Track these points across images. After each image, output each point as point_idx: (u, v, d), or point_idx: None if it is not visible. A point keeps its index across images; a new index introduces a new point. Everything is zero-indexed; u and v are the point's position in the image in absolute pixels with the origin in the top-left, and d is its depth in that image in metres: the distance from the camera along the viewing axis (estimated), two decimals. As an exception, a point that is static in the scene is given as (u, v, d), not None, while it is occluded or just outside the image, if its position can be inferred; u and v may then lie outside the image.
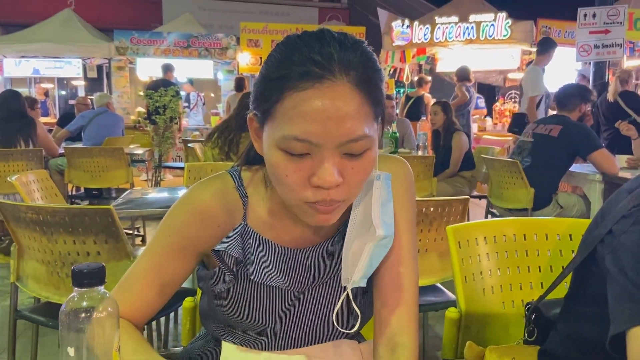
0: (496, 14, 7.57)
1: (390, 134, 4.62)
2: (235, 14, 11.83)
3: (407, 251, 0.86)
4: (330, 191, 0.71)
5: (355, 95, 0.69)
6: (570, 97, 3.32)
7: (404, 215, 0.87)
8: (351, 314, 0.86)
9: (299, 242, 0.86)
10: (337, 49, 0.69)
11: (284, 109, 0.69)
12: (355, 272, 0.80)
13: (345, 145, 0.69)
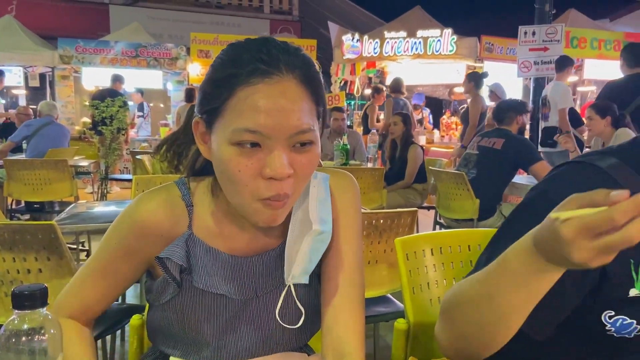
0: (442, 30, 7.83)
1: (341, 146, 4.68)
2: (185, 23, 11.69)
3: (352, 261, 0.88)
4: (283, 184, 0.73)
5: (302, 91, 0.74)
6: (505, 111, 3.50)
7: (349, 227, 0.89)
8: (295, 311, 0.87)
9: (246, 251, 0.87)
10: (281, 50, 0.75)
11: (235, 104, 0.72)
12: (295, 266, 0.83)
13: (294, 137, 0.73)
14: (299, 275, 0.84)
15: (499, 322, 0.73)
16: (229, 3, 12.62)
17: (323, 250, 0.84)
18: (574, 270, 0.74)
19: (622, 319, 0.82)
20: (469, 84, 5.63)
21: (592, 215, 0.54)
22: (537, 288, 0.68)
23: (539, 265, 0.65)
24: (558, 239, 0.57)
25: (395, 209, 1.92)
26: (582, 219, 0.54)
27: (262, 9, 13.01)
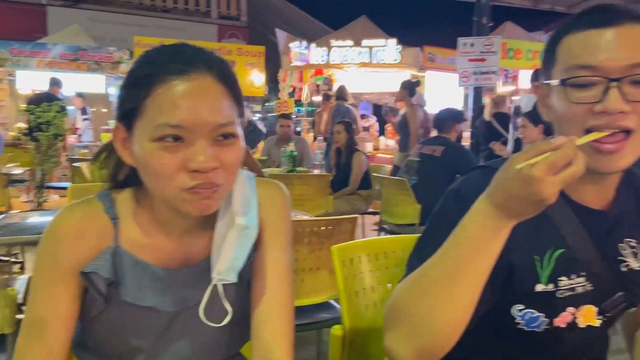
0: (387, 40, 8.02)
1: (288, 153, 4.70)
2: (129, 27, 11.38)
3: (281, 270, 0.89)
4: (209, 174, 0.75)
5: (220, 87, 0.77)
6: (444, 120, 3.65)
7: (278, 236, 0.91)
8: (221, 310, 0.86)
9: (175, 262, 0.86)
10: (196, 51, 0.78)
11: (155, 101, 0.74)
12: (220, 262, 0.83)
13: (217, 130, 0.75)
14: (225, 271, 0.83)
15: (467, 295, 0.76)
16: (174, 7, 12.40)
17: (249, 246, 0.85)
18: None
19: (530, 312, 0.87)
20: (402, 92, 5.82)
21: (552, 155, 0.65)
22: (495, 248, 0.73)
23: (497, 222, 0.72)
24: (529, 182, 0.65)
25: (335, 216, 1.95)
26: (547, 159, 0.65)
27: (209, 13, 12.85)
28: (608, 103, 0.78)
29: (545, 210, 0.81)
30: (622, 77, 0.78)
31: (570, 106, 0.82)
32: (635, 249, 0.93)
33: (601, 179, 0.88)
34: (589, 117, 0.80)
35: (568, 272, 0.88)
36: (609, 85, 0.78)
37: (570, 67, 0.82)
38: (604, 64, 0.79)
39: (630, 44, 0.79)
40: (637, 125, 0.79)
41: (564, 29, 0.85)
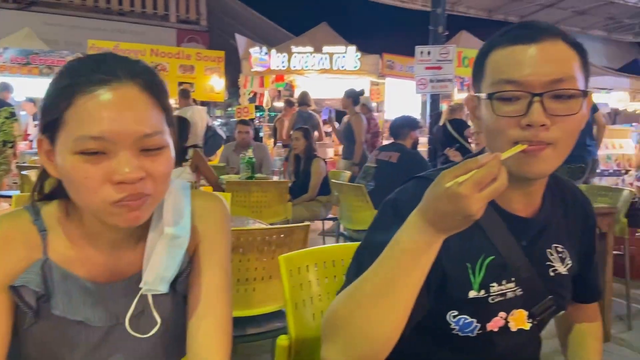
0: (347, 47, 8.09)
1: (246, 160, 4.66)
2: (83, 30, 11.09)
3: (218, 285, 0.88)
4: (136, 185, 0.73)
5: (144, 97, 0.75)
6: (400, 127, 3.71)
7: (215, 249, 0.90)
8: (151, 320, 0.85)
9: (106, 276, 0.84)
10: (120, 60, 0.77)
11: (75, 113, 0.72)
12: (148, 272, 0.81)
13: (141, 141, 0.74)
14: (153, 281, 0.82)
15: (400, 307, 0.77)
16: (131, 10, 12.16)
17: (180, 256, 0.83)
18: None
19: (463, 318, 0.90)
20: (346, 101, 5.94)
21: (478, 173, 0.67)
22: (427, 261, 0.75)
23: (429, 237, 0.73)
24: (456, 199, 0.68)
25: (290, 224, 1.95)
26: (473, 177, 0.68)
27: (167, 17, 12.66)
28: (531, 116, 0.81)
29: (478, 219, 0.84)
30: (544, 92, 0.81)
31: (497, 119, 0.85)
32: (562, 254, 0.97)
33: (528, 188, 0.92)
34: (515, 130, 0.83)
35: (499, 278, 0.91)
36: (532, 99, 0.81)
37: (497, 82, 0.85)
38: (528, 79, 0.82)
39: (551, 60, 0.83)
40: (558, 138, 0.83)
41: (491, 44, 0.88)
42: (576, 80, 0.84)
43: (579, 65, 0.85)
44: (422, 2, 10.66)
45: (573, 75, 0.83)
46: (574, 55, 0.85)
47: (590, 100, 0.88)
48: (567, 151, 0.87)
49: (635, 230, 4.49)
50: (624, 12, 12.04)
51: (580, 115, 0.84)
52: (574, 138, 0.86)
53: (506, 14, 12.07)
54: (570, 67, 0.84)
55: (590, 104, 0.89)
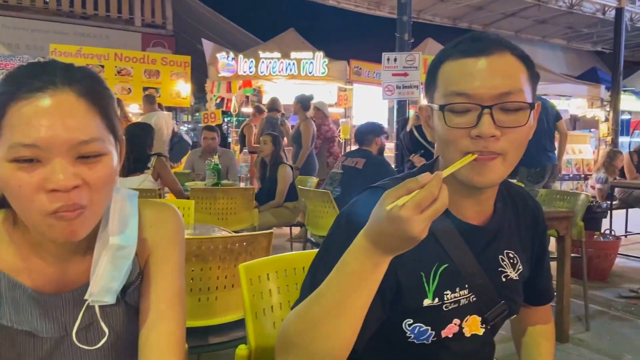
0: (314, 53, 8.12)
1: (212, 166, 4.62)
2: (45, 34, 10.81)
3: (171, 296, 0.88)
4: (70, 194, 0.71)
5: (82, 104, 0.74)
6: (365, 134, 3.74)
7: (167, 260, 0.89)
8: (99, 332, 0.84)
9: (54, 287, 0.83)
10: (59, 67, 0.76)
11: (8, 121, 0.71)
12: (93, 283, 0.80)
13: (76, 148, 0.72)
14: (98, 292, 0.81)
15: (349, 327, 0.78)
16: (95, 14, 11.91)
17: (126, 266, 0.82)
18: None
19: (419, 326, 0.92)
20: (296, 106, 6.00)
21: (418, 194, 0.67)
22: (374, 281, 0.76)
23: (375, 258, 0.73)
24: (398, 222, 0.68)
25: (250, 232, 1.94)
26: (413, 199, 0.67)
27: (132, 21, 12.45)
28: (481, 128, 0.83)
29: (431, 228, 0.86)
30: (493, 105, 0.84)
31: (449, 130, 0.87)
32: (513, 259, 1.00)
33: (479, 196, 0.94)
34: (466, 141, 0.85)
35: (453, 285, 0.92)
36: (482, 112, 0.84)
37: (449, 94, 0.87)
38: (477, 92, 0.84)
39: (500, 73, 0.85)
40: (507, 149, 0.85)
41: (443, 56, 0.90)
42: (524, 92, 0.86)
43: (526, 77, 0.88)
44: (389, 9, 10.82)
45: (521, 87, 0.86)
46: (521, 67, 0.88)
47: (537, 112, 0.91)
48: (516, 161, 0.89)
49: (592, 233, 4.64)
50: (582, 22, 12.48)
51: (527, 126, 0.87)
52: (522, 148, 0.89)
53: (470, 22, 12.36)
54: (518, 80, 0.86)
55: (537, 114, 0.92)
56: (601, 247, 4.41)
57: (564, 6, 10.83)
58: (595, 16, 11.42)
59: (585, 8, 11.02)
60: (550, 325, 1.18)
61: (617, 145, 10.05)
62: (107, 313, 0.84)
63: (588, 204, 4.87)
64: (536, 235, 1.08)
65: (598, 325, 3.38)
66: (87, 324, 0.83)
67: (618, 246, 4.56)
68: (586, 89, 10.43)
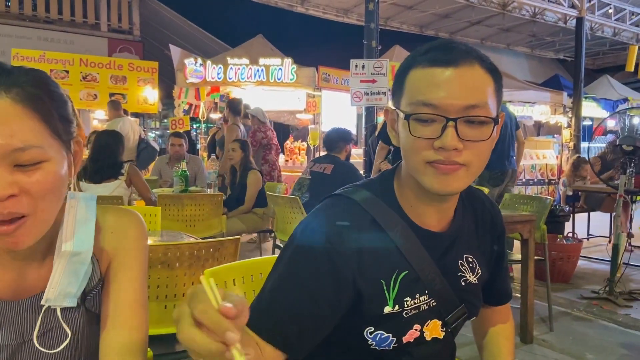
0: (283, 59, 8.12)
1: (180, 172, 4.57)
2: (7, 38, 10.52)
3: (132, 302, 0.87)
4: (6, 203, 0.70)
5: (19, 110, 0.72)
6: (335, 141, 3.77)
7: (130, 266, 0.88)
8: (60, 334, 0.82)
9: (11, 294, 0.81)
10: (1, 70, 0.73)
11: None
12: (49, 289, 0.79)
13: (12, 156, 0.70)
14: (55, 298, 0.80)
15: None
16: (59, 18, 11.66)
17: (83, 271, 0.82)
18: (329, 293, 0.83)
19: (380, 333, 0.92)
20: (226, 111, 6.06)
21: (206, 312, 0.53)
22: None
23: None
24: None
25: (218, 239, 1.92)
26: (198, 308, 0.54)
27: (98, 26, 12.23)
28: (445, 140, 0.84)
29: (390, 236, 0.88)
30: (458, 117, 0.84)
31: (413, 139, 0.87)
32: (472, 264, 1.02)
33: (441, 205, 0.95)
34: (429, 152, 0.86)
35: (413, 292, 0.93)
36: (447, 124, 0.84)
37: (415, 102, 0.87)
38: (443, 103, 0.84)
39: (467, 85, 0.85)
40: (469, 161, 0.86)
41: (411, 62, 0.90)
42: (489, 106, 0.86)
43: (493, 90, 0.88)
44: (357, 16, 10.93)
45: (487, 101, 0.86)
46: (489, 80, 0.88)
47: (500, 124, 0.91)
48: (479, 171, 0.90)
49: (555, 236, 4.77)
50: (545, 31, 12.86)
51: (491, 139, 0.88)
52: (485, 159, 0.90)
53: (437, 29, 12.59)
54: (485, 93, 0.86)
55: (500, 126, 0.92)
56: (564, 250, 4.53)
57: (527, 15, 11.13)
58: (557, 25, 11.77)
59: (548, 17, 11.34)
60: (509, 324, 1.21)
61: (579, 150, 10.36)
62: (67, 317, 0.82)
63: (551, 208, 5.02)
64: (494, 238, 1.10)
65: (561, 326, 3.47)
66: (47, 328, 0.82)
67: (580, 248, 4.69)
68: (549, 95, 10.72)
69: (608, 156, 6.69)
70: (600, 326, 3.50)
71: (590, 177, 6.57)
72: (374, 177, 1.03)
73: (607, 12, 11.95)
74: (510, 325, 1.21)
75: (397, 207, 0.95)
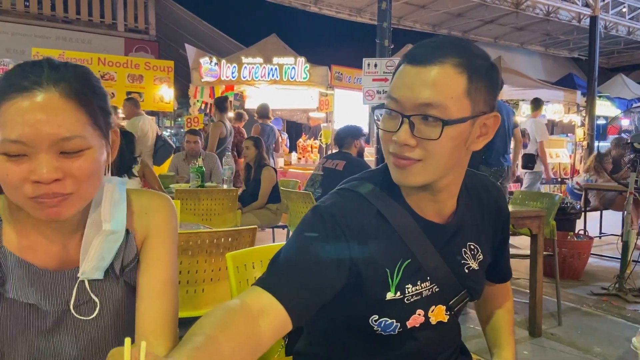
0: (296, 58, 8.21)
1: (196, 169, 4.69)
2: (27, 37, 10.77)
3: (165, 279, 0.96)
4: (51, 185, 0.80)
5: (66, 102, 0.81)
6: (344, 138, 3.86)
7: (161, 245, 0.98)
8: (91, 304, 0.92)
9: (53, 264, 0.91)
10: (47, 66, 0.82)
11: (1, 118, 0.79)
12: (86, 263, 0.89)
13: (58, 145, 0.80)
14: (90, 271, 0.90)
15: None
16: (77, 18, 11.89)
17: (116, 248, 0.92)
18: (329, 258, 0.91)
19: (384, 320, 0.99)
20: (214, 108, 6.36)
21: None
22: None
23: None
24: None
25: (236, 228, 2.02)
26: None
27: (115, 26, 12.45)
28: (398, 135, 0.90)
29: (395, 227, 0.95)
30: (412, 115, 0.89)
31: (380, 131, 0.95)
32: (474, 251, 1.08)
33: (435, 197, 1.00)
34: (391, 144, 0.93)
35: (414, 279, 0.99)
36: (402, 119, 0.90)
37: (387, 96, 0.94)
38: (402, 99, 0.90)
39: (429, 84, 0.88)
40: (423, 156, 0.91)
41: (400, 60, 0.96)
42: (447, 108, 0.88)
43: (463, 91, 0.89)
44: (370, 15, 10.98)
45: (444, 102, 0.87)
46: (460, 81, 0.89)
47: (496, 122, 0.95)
48: (439, 167, 0.92)
49: (566, 233, 4.80)
50: (559, 29, 12.80)
51: (444, 140, 0.89)
52: (442, 157, 0.91)
53: (450, 28, 12.59)
54: (444, 94, 0.87)
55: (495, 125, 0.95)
56: (574, 247, 4.57)
57: (540, 14, 11.10)
58: (571, 24, 11.73)
59: (562, 16, 11.30)
60: (510, 301, 1.30)
61: (593, 149, 10.32)
62: (104, 289, 0.92)
63: (562, 206, 5.04)
64: (499, 223, 1.16)
65: (570, 321, 3.52)
66: (86, 299, 0.92)
67: (590, 246, 4.72)
68: (563, 94, 10.68)
69: (612, 152, 6.71)
70: (608, 321, 3.55)
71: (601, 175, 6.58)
72: (377, 169, 1.08)
73: (621, 11, 11.88)
74: (510, 301, 1.29)
75: (401, 200, 1.00)
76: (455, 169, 0.98)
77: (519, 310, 3.51)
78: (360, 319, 1.00)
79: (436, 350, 1.09)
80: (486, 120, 0.95)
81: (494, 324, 1.27)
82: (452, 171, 0.97)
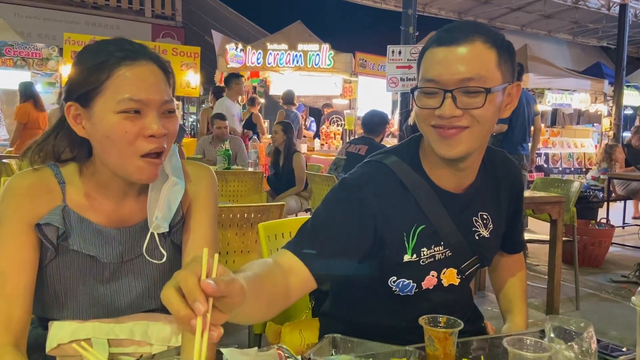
0: (321, 45, 8.28)
1: (223, 152, 4.82)
2: (58, 23, 11.04)
3: (210, 238, 1.09)
4: (160, 139, 0.94)
5: (161, 73, 0.98)
6: (376, 124, 3.94)
7: (204, 209, 1.10)
8: (159, 252, 1.06)
9: (112, 222, 1.04)
10: (138, 45, 0.98)
11: (114, 81, 0.92)
12: (157, 211, 1.02)
13: (163, 106, 0.96)
14: (162, 217, 1.02)
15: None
16: (106, 4, 12.12)
17: (179, 199, 1.04)
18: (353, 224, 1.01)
19: (402, 281, 1.10)
20: (211, 95, 6.59)
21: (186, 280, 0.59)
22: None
23: None
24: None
25: (264, 203, 2.13)
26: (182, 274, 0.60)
27: (142, 12, 12.65)
28: (443, 110, 0.99)
29: (413, 194, 1.05)
30: (454, 89, 0.98)
31: (419, 110, 1.04)
32: (486, 220, 1.17)
33: (456, 169, 1.09)
34: (433, 118, 1.02)
35: (429, 243, 1.09)
36: (445, 95, 0.99)
37: (422, 79, 1.03)
38: (441, 78, 0.99)
39: (463, 61, 0.98)
40: (470, 123, 1.00)
41: (426, 45, 1.05)
42: (486, 79, 0.98)
43: (495, 63, 0.99)
44: (395, 2, 10.94)
45: (482, 74, 0.97)
46: (490, 54, 0.99)
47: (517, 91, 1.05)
48: (483, 133, 1.02)
49: (588, 221, 4.82)
50: (588, 17, 12.55)
51: (488, 107, 0.99)
52: (488, 123, 1.02)
53: (476, 16, 12.46)
54: (481, 67, 0.98)
55: (517, 94, 1.05)
56: (595, 235, 4.59)
57: (569, 1, 10.91)
58: (600, 12, 11.50)
59: (590, 3, 11.09)
60: (523, 271, 1.38)
61: (619, 140, 10.17)
62: (161, 242, 1.05)
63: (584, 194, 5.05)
64: (513, 195, 1.25)
65: (588, 306, 3.57)
66: (152, 246, 1.05)
67: (612, 234, 4.73)
68: (589, 83, 10.53)
69: (633, 141, 6.63)
70: (626, 307, 3.58)
71: (620, 164, 6.53)
72: (401, 143, 1.19)
73: (654, -2, 11.60)
74: (523, 271, 1.38)
75: (421, 171, 1.10)
76: (485, 141, 1.07)
77: (537, 294, 3.58)
78: (380, 281, 1.10)
79: (450, 312, 1.18)
80: (511, 90, 1.05)
81: (507, 290, 1.36)
82: (484, 144, 1.08)
